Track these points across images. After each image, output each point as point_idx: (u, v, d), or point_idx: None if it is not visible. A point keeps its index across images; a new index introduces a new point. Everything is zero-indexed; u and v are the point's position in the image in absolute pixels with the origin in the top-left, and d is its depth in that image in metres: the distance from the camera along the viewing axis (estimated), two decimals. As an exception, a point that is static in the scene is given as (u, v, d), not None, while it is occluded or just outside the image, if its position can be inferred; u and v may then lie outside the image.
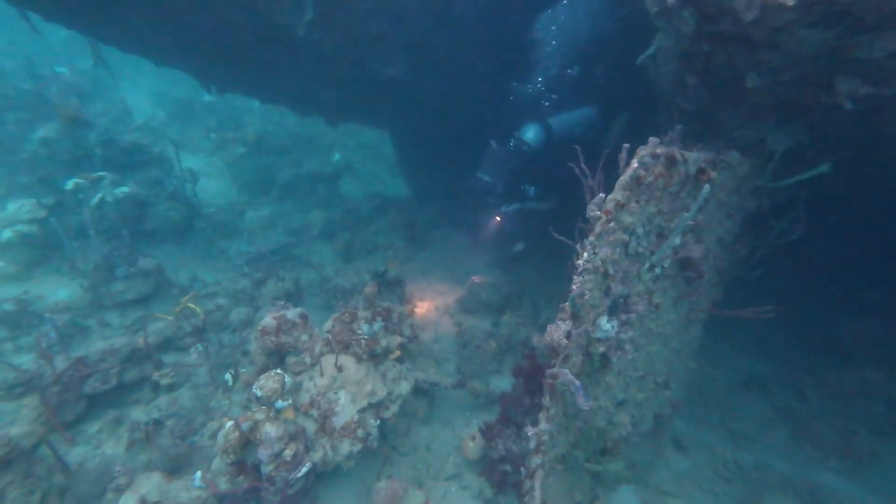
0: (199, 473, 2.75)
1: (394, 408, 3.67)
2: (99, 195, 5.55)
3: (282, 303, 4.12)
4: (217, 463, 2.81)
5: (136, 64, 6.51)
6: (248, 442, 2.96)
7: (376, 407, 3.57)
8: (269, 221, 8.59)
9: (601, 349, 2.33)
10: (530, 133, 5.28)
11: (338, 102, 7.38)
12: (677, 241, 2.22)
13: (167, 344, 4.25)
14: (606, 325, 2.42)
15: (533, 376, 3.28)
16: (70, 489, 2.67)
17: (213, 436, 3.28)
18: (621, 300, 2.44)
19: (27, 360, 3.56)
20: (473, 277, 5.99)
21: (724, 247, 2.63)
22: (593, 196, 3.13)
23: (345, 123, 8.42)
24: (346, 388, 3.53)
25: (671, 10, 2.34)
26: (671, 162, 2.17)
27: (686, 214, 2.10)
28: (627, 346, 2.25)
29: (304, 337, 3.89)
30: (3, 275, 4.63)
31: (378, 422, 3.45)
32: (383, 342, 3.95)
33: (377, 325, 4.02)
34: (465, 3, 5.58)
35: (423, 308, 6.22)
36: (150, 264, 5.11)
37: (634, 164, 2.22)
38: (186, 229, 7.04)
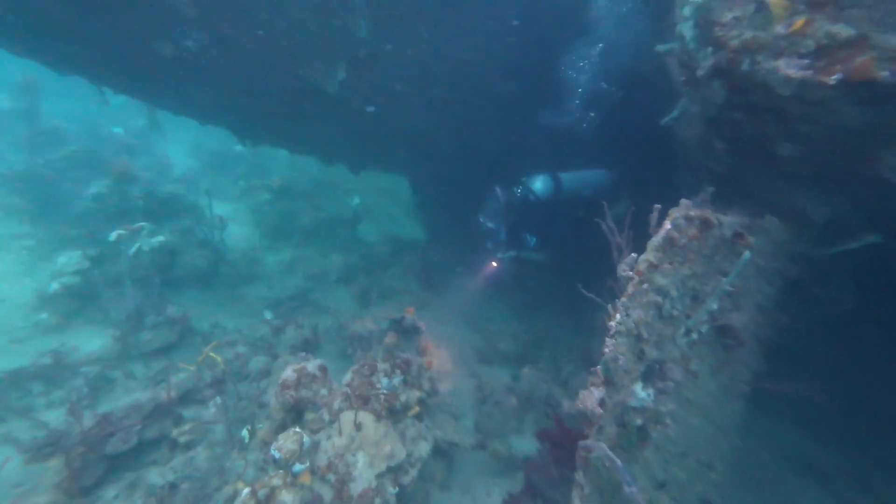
0: (211, 546, 2.63)
1: (413, 472, 3.50)
2: (137, 245, 5.85)
3: (303, 354, 4.11)
4: (231, 535, 2.69)
5: (177, 121, 7.13)
6: (263, 511, 2.85)
7: (395, 471, 3.41)
8: (289, 266, 8.79)
9: (638, 421, 2.20)
10: (539, 183, 5.31)
11: (361, 151, 7.83)
12: (714, 305, 2.16)
13: (187, 396, 4.25)
14: (642, 392, 2.31)
15: (561, 443, 3.11)
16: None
17: (228, 502, 3.17)
18: (656, 366, 2.34)
19: (57, 416, 3.59)
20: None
21: (765, 314, 2.53)
22: (621, 254, 3.10)
23: (366, 170, 8.82)
24: (364, 449, 3.41)
25: (700, 81, 2.38)
26: (705, 225, 2.16)
27: (724, 279, 2.05)
28: (668, 420, 2.12)
29: (324, 391, 3.84)
30: (45, 326, 4.84)
31: (397, 489, 3.29)
32: (402, 397, 3.85)
33: (397, 380, 3.94)
34: (485, 65, 5.95)
35: (438, 357, 6.09)
36: (176, 312, 5.24)
37: (667, 225, 2.21)
38: (212, 275, 7.27)
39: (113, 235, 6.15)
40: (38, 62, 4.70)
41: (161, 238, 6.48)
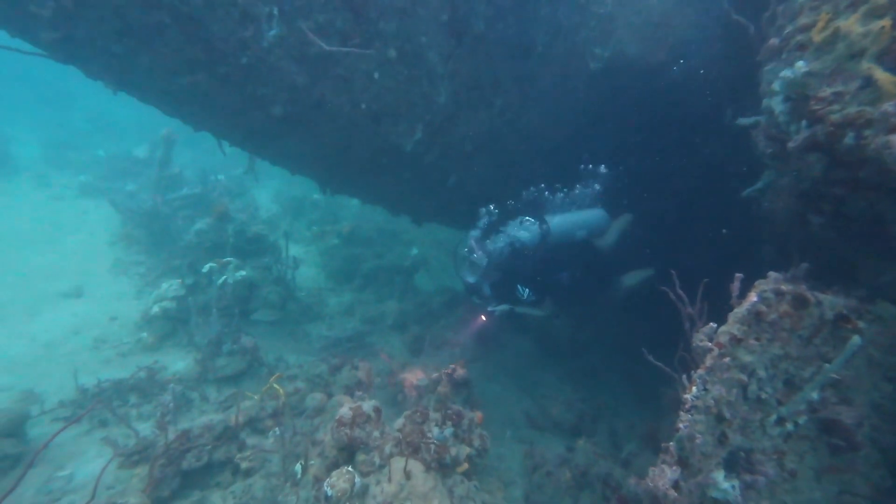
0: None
1: (460, 537, 3.32)
2: (224, 277, 6.62)
3: (360, 393, 4.23)
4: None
5: (268, 171, 8.30)
6: (312, 551, 2.85)
7: (441, 533, 3.27)
8: (348, 308, 9.25)
9: (721, 515, 1.99)
10: (522, 228, 5.05)
11: (425, 204, 8.42)
12: (815, 394, 1.96)
13: (249, 424, 4.50)
14: (724, 483, 2.11)
15: (626, 529, 2.82)
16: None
17: (279, 535, 3.21)
18: (742, 454, 2.14)
19: (144, 428, 4.01)
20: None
21: (885, 417, 2.19)
22: (692, 325, 2.97)
23: (428, 223, 9.36)
24: (412, 500, 3.34)
25: (791, 154, 2.25)
26: (800, 302, 2.03)
27: (827, 366, 1.88)
28: (761, 522, 1.89)
29: (376, 433, 3.88)
30: (143, 345, 5.56)
31: (443, 553, 3.13)
32: (453, 451, 3.77)
33: (448, 431, 3.90)
34: (554, 131, 6.33)
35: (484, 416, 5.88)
36: (249, 343, 5.71)
37: (753, 297, 2.13)
38: (280, 310, 7.87)
39: (206, 267, 7.04)
40: (183, 121, 5.91)
41: (244, 273, 7.26)
